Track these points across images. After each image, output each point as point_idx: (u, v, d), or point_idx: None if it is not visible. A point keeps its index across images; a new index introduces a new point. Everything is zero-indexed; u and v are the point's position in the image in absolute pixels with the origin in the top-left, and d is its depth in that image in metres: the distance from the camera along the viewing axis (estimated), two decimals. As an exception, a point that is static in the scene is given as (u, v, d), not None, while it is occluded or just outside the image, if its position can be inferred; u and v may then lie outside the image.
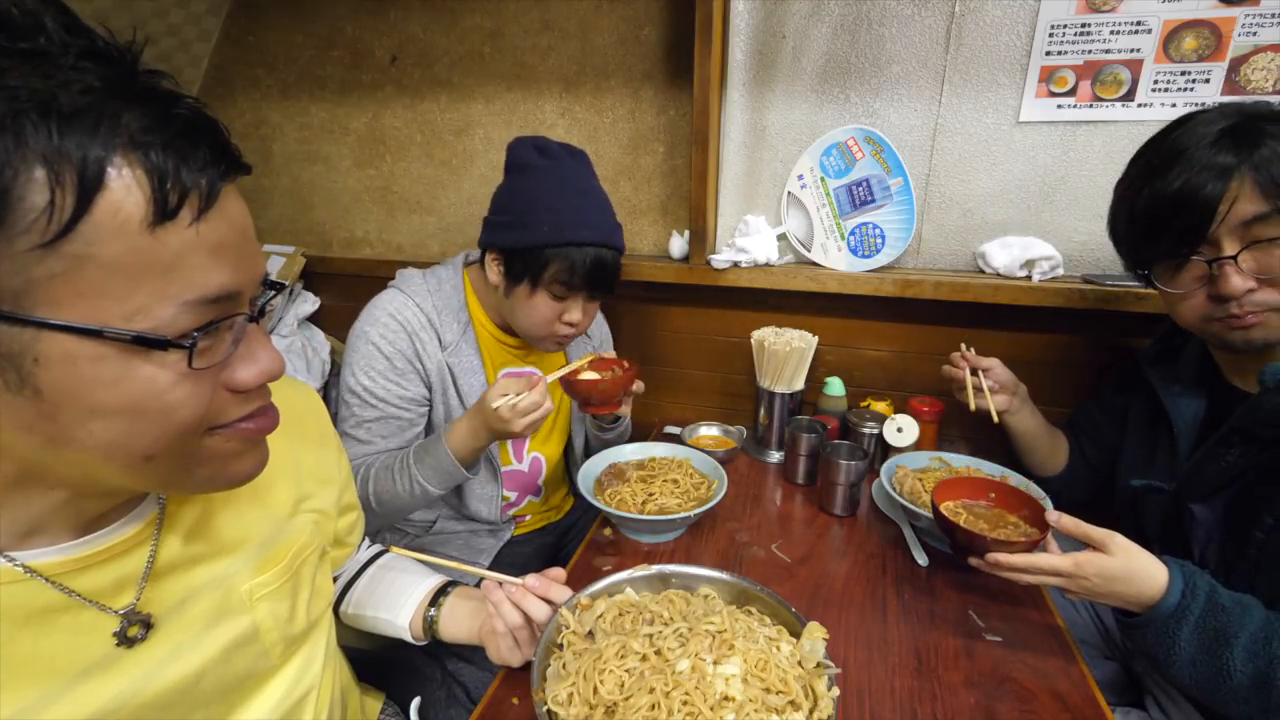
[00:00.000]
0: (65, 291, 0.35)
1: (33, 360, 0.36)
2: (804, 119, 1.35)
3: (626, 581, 0.80)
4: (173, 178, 0.37)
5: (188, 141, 0.38)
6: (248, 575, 0.57)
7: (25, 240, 0.34)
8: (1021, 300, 1.23)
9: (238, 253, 0.42)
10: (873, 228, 1.34)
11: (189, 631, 0.52)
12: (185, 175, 0.38)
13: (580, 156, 1.10)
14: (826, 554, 1.03)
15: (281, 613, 0.60)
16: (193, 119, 0.39)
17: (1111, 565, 0.74)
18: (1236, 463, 0.83)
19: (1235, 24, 1.09)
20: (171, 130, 0.37)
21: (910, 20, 1.23)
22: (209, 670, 0.53)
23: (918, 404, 1.28)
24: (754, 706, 0.60)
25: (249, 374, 0.45)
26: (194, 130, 0.39)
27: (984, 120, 1.25)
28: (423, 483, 1.02)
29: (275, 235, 1.84)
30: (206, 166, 0.39)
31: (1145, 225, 0.84)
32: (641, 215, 1.55)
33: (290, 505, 0.63)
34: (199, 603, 0.53)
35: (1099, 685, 0.77)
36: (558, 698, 0.64)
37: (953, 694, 0.75)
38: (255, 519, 0.59)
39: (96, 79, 0.35)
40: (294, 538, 0.62)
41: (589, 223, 1.04)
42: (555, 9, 1.43)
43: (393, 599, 0.82)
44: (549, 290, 1.04)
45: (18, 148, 0.33)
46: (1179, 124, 0.83)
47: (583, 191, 1.07)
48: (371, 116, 1.64)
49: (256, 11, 1.63)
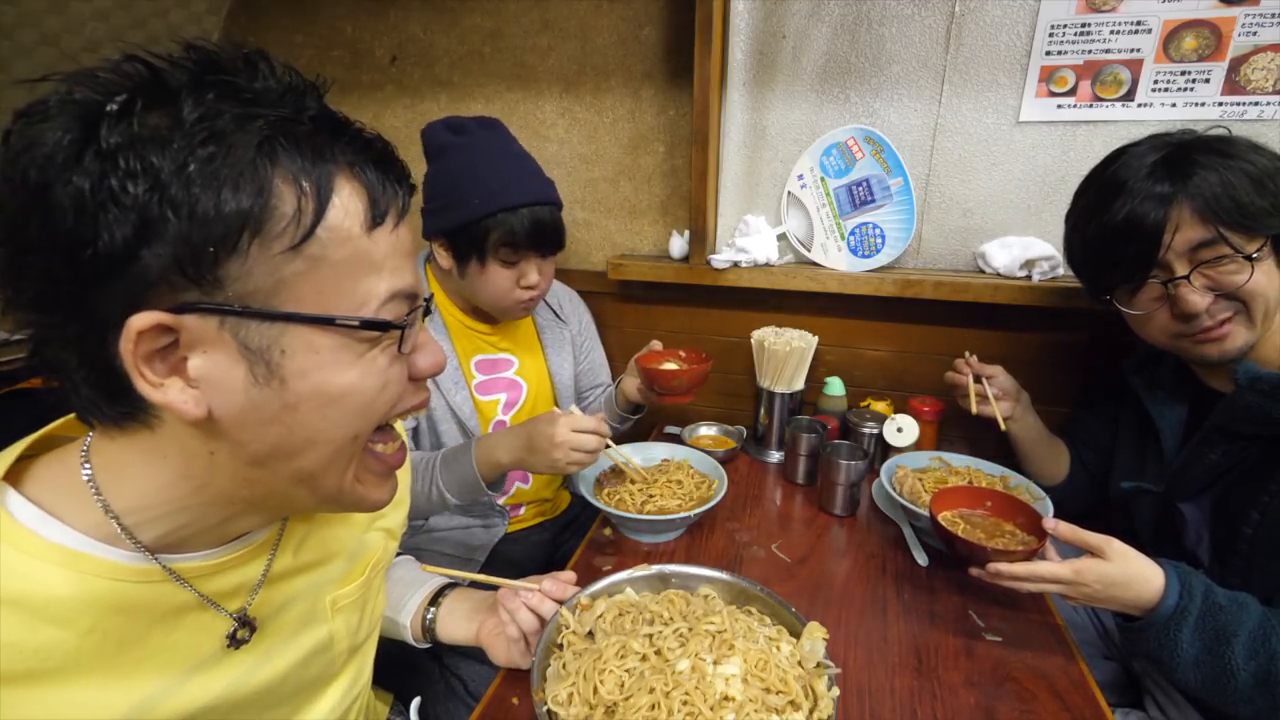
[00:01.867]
0: (306, 289, 0.41)
1: (280, 352, 0.41)
2: (804, 119, 1.35)
3: (626, 581, 0.80)
4: (380, 192, 0.45)
5: (386, 165, 0.46)
6: (333, 587, 0.61)
7: (278, 244, 0.40)
8: (1021, 300, 1.24)
9: (413, 258, 0.49)
10: (873, 228, 1.34)
11: (279, 636, 0.56)
12: (388, 190, 0.45)
13: (494, 125, 1.13)
14: (826, 554, 1.03)
15: (352, 623, 0.64)
16: (385, 150, 0.47)
17: (1110, 570, 0.75)
18: (1220, 461, 0.86)
19: (1235, 24, 1.09)
20: (372, 155, 0.45)
21: (910, 20, 1.23)
22: (290, 674, 0.57)
23: (918, 404, 1.28)
24: (754, 706, 0.60)
25: (427, 362, 0.51)
26: (387, 158, 0.47)
27: (984, 120, 1.25)
28: (443, 490, 1.03)
29: (275, 235, 1.84)
30: (398, 185, 0.47)
31: (1098, 254, 0.89)
32: (641, 215, 1.55)
33: (367, 521, 0.67)
34: (292, 610, 0.57)
35: (1099, 685, 0.77)
36: (558, 698, 0.64)
37: (953, 694, 0.75)
38: (344, 534, 0.63)
39: (314, 110, 0.43)
40: (371, 552, 0.66)
41: (517, 185, 1.06)
42: (555, 9, 1.43)
43: (397, 597, 0.83)
44: (497, 259, 1.07)
45: (274, 167, 0.39)
46: (1113, 158, 0.88)
47: (504, 156, 1.09)
48: (371, 116, 1.64)
49: (256, 11, 1.63)
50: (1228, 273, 0.80)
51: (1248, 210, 0.77)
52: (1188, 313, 0.82)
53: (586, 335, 1.42)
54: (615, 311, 1.57)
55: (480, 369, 1.24)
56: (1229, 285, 0.80)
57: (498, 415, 1.26)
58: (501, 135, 1.13)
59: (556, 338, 1.33)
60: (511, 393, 1.27)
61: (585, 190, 1.55)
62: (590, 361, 1.43)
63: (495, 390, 1.25)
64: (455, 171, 1.07)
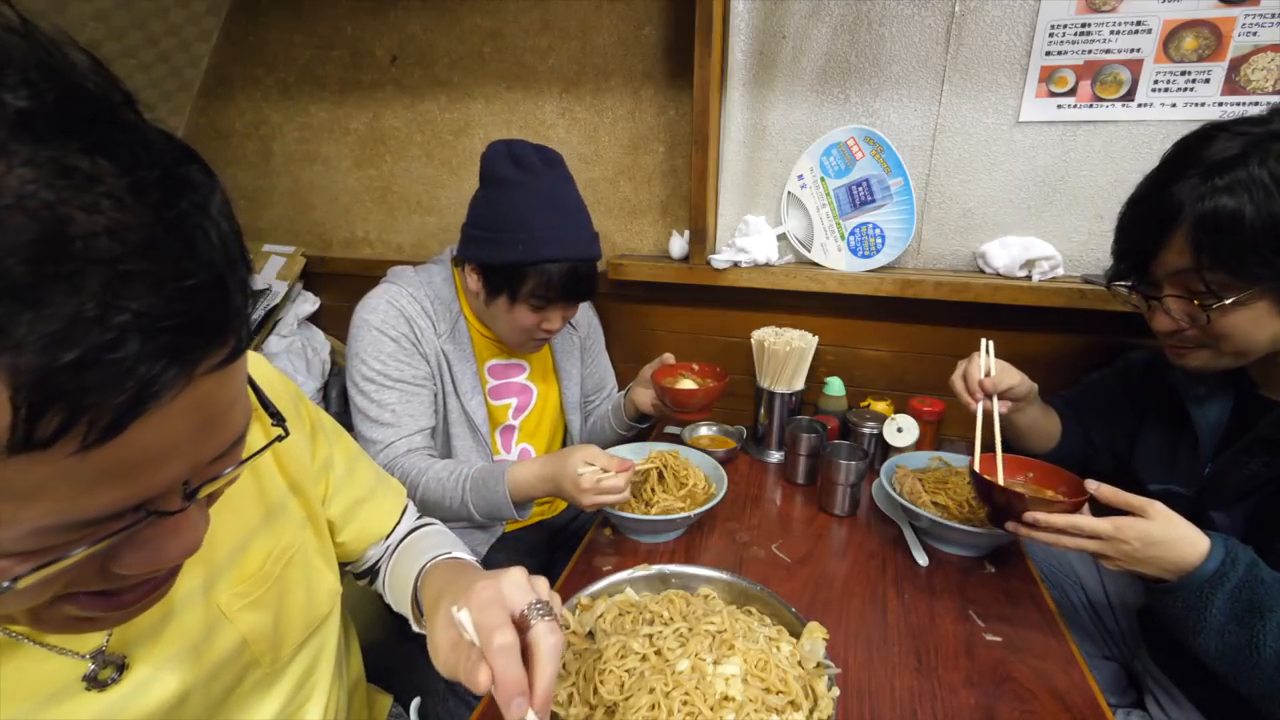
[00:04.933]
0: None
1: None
2: (804, 119, 1.35)
3: (626, 581, 0.80)
4: (59, 395, 0.26)
5: (104, 352, 0.26)
6: (224, 586, 0.55)
7: None
8: (1021, 300, 1.24)
9: (162, 462, 0.32)
10: (873, 228, 1.34)
11: (168, 651, 0.50)
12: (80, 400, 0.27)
13: (556, 163, 1.10)
14: (826, 554, 1.03)
15: (266, 621, 0.58)
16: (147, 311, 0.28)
17: (1152, 529, 0.73)
18: (1260, 472, 0.82)
19: (1235, 24, 1.09)
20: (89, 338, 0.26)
21: (910, 20, 1.23)
22: (194, 690, 0.51)
23: (918, 404, 1.28)
24: (754, 706, 0.60)
25: (134, 562, 0.36)
26: (125, 335, 0.27)
27: (984, 120, 1.25)
28: (471, 509, 1.03)
29: (275, 235, 1.84)
30: (127, 387, 0.28)
31: (1116, 247, 0.87)
32: (641, 215, 1.55)
33: (261, 511, 0.60)
34: (175, 622, 0.51)
35: (1099, 685, 0.77)
36: (558, 698, 0.64)
37: (953, 694, 0.75)
38: (225, 530, 0.56)
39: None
40: (270, 539, 0.60)
41: (563, 239, 1.05)
42: (555, 9, 1.43)
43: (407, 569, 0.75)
44: (527, 303, 1.07)
45: None
46: (1209, 134, 0.78)
47: (557, 205, 1.07)
48: (371, 116, 1.64)
49: (256, 11, 1.63)
50: (1194, 310, 0.77)
51: (1240, 253, 0.71)
52: (1153, 330, 0.83)
53: (594, 339, 1.42)
54: (615, 312, 1.57)
55: (493, 374, 1.24)
56: (1194, 319, 0.78)
57: (508, 420, 1.26)
58: (560, 179, 1.09)
59: (567, 344, 1.33)
60: (522, 398, 1.27)
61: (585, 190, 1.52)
62: (597, 366, 1.43)
63: (507, 395, 1.26)
64: (506, 209, 1.05)
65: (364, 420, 1.10)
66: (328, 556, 0.69)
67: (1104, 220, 1.24)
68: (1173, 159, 0.79)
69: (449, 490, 1.04)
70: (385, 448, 1.08)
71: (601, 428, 1.39)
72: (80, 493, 0.30)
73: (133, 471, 0.31)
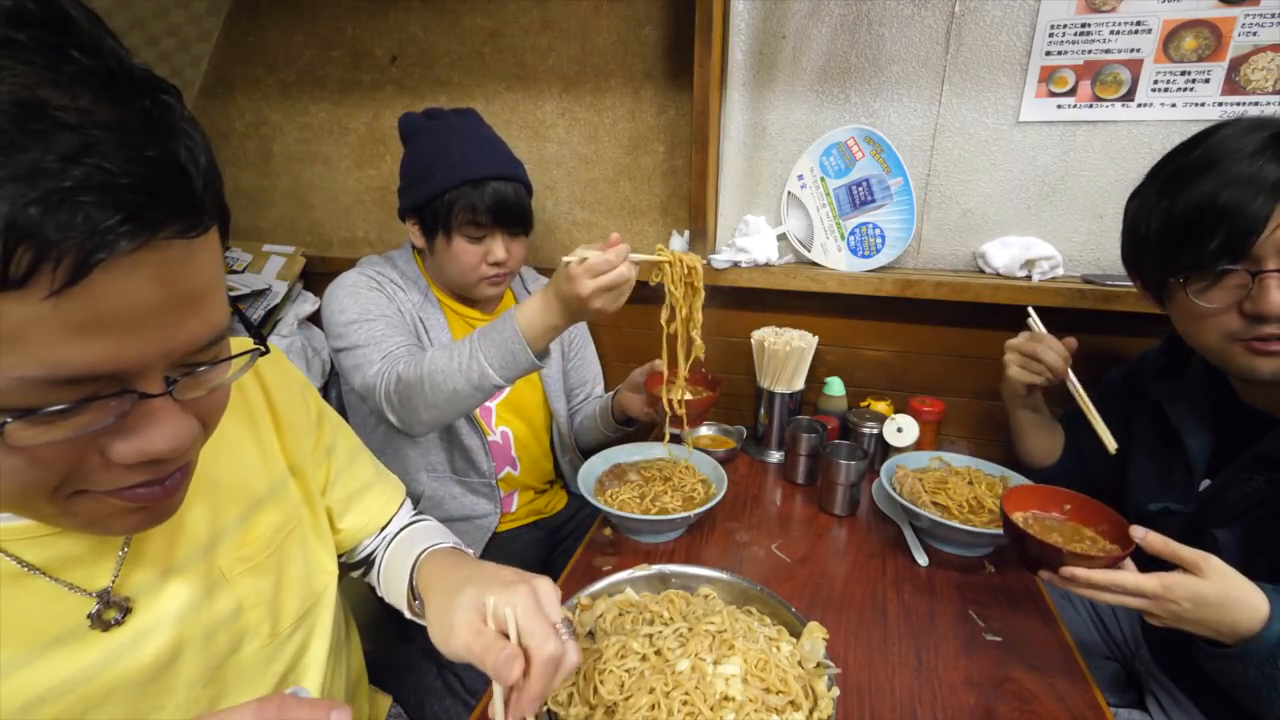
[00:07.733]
0: None
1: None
2: (804, 119, 1.35)
3: (626, 581, 0.80)
4: (33, 233, 0.30)
5: (66, 195, 0.30)
6: (227, 550, 0.57)
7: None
8: (1021, 300, 1.23)
9: (133, 327, 0.35)
10: (873, 228, 1.34)
11: (169, 605, 0.52)
12: (61, 231, 0.30)
13: (468, 113, 1.17)
14: (826, 554, 1.03)
15: (264, 588, 0.59)
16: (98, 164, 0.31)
17: (1205, 589, 0.66)
18: (1262, 489, 0.79)
19: (1235, 24, 1.09)
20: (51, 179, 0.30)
21: (910, 20, 1.23)
22: (190, 645, 0.53)
23: (918, 404, 1.28)
24: (754, 706, 0.60)
25: (125, 450, 0.38)
26: (88, 184, 0.31)
27: (984, 120, 1.25)
28: (482, 361, 0.93)
29: (275, 235, 1.84)
30: (84, 230, 0.31)
31: (1183, 232, 0.77)
32: (641, 215, 1.54)
33: (266, 483, 0.62)
34: (175, 580, 0.53)
35: (1099, 685, 0.77)
36: (558, 698, 0.64)
37: (953, 694, 0.75)
38: (232, 493, 0.58)
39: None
40: (274, 512, 0.62)
41: (480, 161, 1.09)
42: (555, 9, 1.43)
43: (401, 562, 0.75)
44: (462, 233, 1.10)
45: None
46: (1208, 134, 0.78)
47: (472, 137, 1.12)
48: (371, 116, 1.64)
49: (256, 11, 1.63)
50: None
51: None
52: (1263, 313, 0.71)
53: (576, 330, 1.42)
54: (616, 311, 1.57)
55: None
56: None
57: None
58: (473, 120, 1.17)
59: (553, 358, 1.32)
60: None
61: (585, 190, 1.55)
62: (581, 358, 1.43)
63: None
64: (424, 151, 1.11)
65: (351, 364, 1.06)
66: (324, 538, 0.70)
67: (1104, 220, 1.24)
68: (1200, 149, 0.77)
69: (457, 351, 0.95)
70: (382, 358, 1.04)
71: (588, 428, 1.39)
72: (58, 342, 0.33)
73: (104, 327, 0.34)
